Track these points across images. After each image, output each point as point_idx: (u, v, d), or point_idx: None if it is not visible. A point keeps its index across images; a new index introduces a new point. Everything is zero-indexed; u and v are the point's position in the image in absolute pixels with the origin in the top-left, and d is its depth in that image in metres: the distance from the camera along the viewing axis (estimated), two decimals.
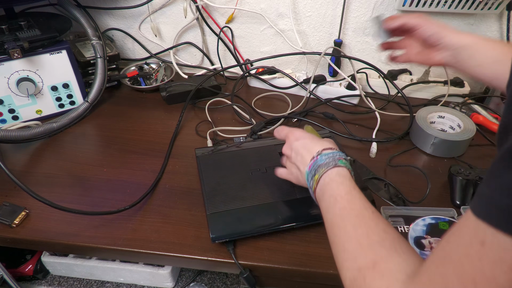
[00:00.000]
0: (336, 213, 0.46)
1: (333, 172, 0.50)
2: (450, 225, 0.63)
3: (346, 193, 0.47)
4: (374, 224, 0.43)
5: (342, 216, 0.45)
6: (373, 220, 0.43)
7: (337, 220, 0.46)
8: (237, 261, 0.58)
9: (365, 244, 0.41)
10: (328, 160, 0.52)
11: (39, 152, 0.79)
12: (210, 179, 0.66)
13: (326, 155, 0.52)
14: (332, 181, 0.50)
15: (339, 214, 0.46)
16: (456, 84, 1.00)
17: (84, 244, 0.61)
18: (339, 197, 0.47)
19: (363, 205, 0.46)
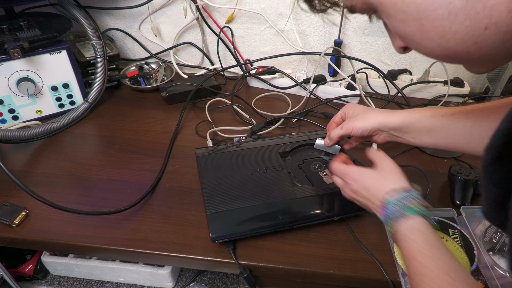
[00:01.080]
0: (412, 277, 0.44)
1: (403, 228, 0.47)
2: (440, 225, 0.63)
3: (420, 255, 0.44)
4: (435, 276, 0.41)
5: (417, 283, 0.43)
6: (433, 274, 0.42)
7: (413, 284, 0.44)
8: (237, 261, 0.58)
9: None
10: (396, 209, 0.48)
11: (39, 152, 0.79)
12: (210, 179, 0.66)
13: (393, 203, 0.48)
14: (404, 238, 0.46)
15: (415, 280, 0.44)
16: (456, 84, 1.00)
17: (84, 244, 0.61)
18: (413, 259, 0.44)
19: (438, 270, 0.42)
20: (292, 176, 0.67)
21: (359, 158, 0.78)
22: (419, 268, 0.43)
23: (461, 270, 0.43)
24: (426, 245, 0.44)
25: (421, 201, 0.48)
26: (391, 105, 0.97)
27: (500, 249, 0.59)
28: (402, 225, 0.46)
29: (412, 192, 0.49)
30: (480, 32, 0.31)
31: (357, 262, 0.59)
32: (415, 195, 0.48)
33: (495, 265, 0.57)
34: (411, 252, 0.45)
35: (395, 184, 0.50)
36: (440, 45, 0.34)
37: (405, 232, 0.46)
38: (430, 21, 0.33)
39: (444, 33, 0.33)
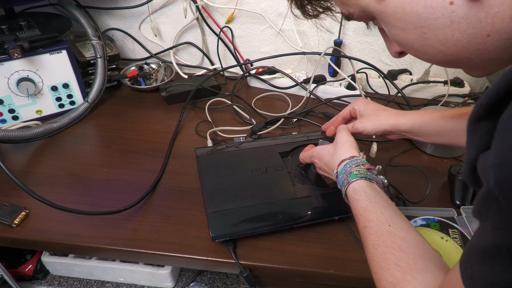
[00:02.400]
0: (360, 232, 0.48)
1: (349, 191, 0.52)
2: (440, 225, 0.63)
3: (364, 210, 0.48)
4: (391, 242, 0.44)
5: (364, 236, 0.47)
6: (389, 237, 0.44)
7: (363, 239, 0.47)
8: (237, 260, 0.58)
9: (385, 267, 0.42)
10: (343, 177, 0.53)
11: (39, 152, 0.79)
12: (210, 178, 0.66)
13: (340, 173, 0.53)
14: (351, 199, 0.51)
15: (362, 233, 0.47)
16: (456, 84, 1.00)
17: (84, 244, 0.61)
18: (358, 215, 0.49)
19: (379, 220, 0.46)
20: (292, 176, 0.67)
21: None
22: (363, 222, 0.47)
23: (401, 219, 0.46)
24: (368, 202, 0.48)
25: (363, 165, 0.52)
26: (391, 105, 0.97)
27: None
28: (348, 189, 0.51)
29: (356, 159, 0.53)
30: (482, 39, 0.31)
31: (357, 262, 0.59)
32: (358, 161, 0.53)
33: None
34: (357, 210, 0.49)
35: (345, 155, 0.55)
36: (441, 52, 0.35)
37: (351, 194, 0.51)
38: (432, 30, 0.33)
39: (446, 41, 0.33)
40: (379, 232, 0.45)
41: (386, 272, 0.42)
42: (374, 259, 0.44)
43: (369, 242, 0.45)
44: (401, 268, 0.41)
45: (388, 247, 0.43)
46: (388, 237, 0.44)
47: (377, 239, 0.45)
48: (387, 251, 0.43)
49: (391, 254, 0.42)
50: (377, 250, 0.44)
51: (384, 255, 0.43)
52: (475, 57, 0.33)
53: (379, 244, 0.44)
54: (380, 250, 0.43)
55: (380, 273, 0.42)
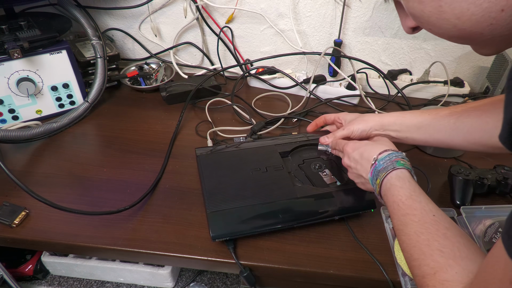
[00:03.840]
0: (400, 219, 0.48)
1: (392, 177, 0.52)
2: None
3: (407, 198, 0.49)
4: (435, 230, 0.44)
5: (405, 223, 0.47)
6: (433, 225, 0.45)
7: (401, 227, 0.48)
8: (237, 260, 0.58)
9: (427, 252, 0.43)
10: (386, 164, 0.53)
11: (39, 152, 0.79)
12: (210, 178, 0.66)
13: (383, 159, 0.54)
14: (392, 186, 0.51)
15: (402, 221, 0.48)
16: (456, 84, 1.00)
17: (84, 244, 0.61)
18: (400, 202, 0.49)
19: (423, 209, 0.47)
20: (292, 176, 0.67)
21: None
22: (406, 209, 0.48)
23: (443, 213, 0.47)
24: (412, 191, 0.50)
25: (407, 161, 0.54)
26: (391, 105, 0.97)
27: None
28: (391, 175, 0.52)
29: (400, 152, 0.55)
30: (496, 14, 0.32)
31: (357, 262, 0.59)
32: (402, 155, 0.55)
33: None
34: (399, 197, 0.49)
35: (386, 147, 0.57)
36: (455, 26, 0.35)
37: (394, 181, 0.51)
38: (449, 3, 0.34)
39: (461, 15, 0.34)
40: (422, 220, 0.46)
41: (429, 257, 0.42)
42: (415, 245, 0.44)
43: (411, 229, 0.46)
44: (445, 254, 0.42)
45: (432, 234, 0.44)
46: (433, 225, 0.45)
47: (420, 226, 0.45)
48: (430, 238, 0.44)
49: (434, 241, 0.43)
50: (420, 237, 0.44)
51: (427, 241, 0.44)
52: (488, 32, 0.34)
53: (422, 232, 0.45)
54: (423, 237, 0.44)
55: (421, 259, 0.43)
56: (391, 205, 0.50)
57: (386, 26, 0.97)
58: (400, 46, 1.00)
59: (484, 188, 0.69)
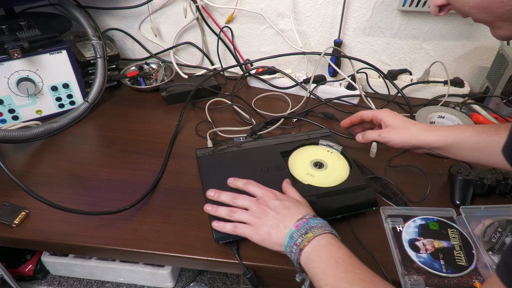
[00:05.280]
0: (340, 276, 0.46)
1: (329, 236, 0.50)
2: (439, 224, 0.63)
3: (348, 257, 0.48)
4: (384, 285, 0.45)
5: (348, 280, 0.45)
6: (381, 284, 0.45)
7: (342, 284, 0.45)
8: (241, 262, 0.58)
9: None
10: (321, 224, 0.52)
11: (39, 152, 0.79)
12: (211, 179, 0.66)
13: (319, 220, 0.52)
14: (329, 244, 0.49)
15: (344, 277, 0.46)
16: (456, 84, 1.00)
17: (84, 244, 0.61)
18: (340, 260, 0.47)
19: (367, 269, 0.47)
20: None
21: (359, 158, 0.78)
22: (347, 267, 0.48)
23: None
24: (350, 253, 0.49)
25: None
26: (391, 105, 0.97)
27: (499, 249, 0.59)
28: (328, 235, 0.50)
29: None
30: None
31: None
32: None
33: (494, 265, 0.57)
34: (338, 255, 0.48)
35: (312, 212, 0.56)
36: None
37: (331, 240, 0.50)
38: None
39: None
40: (368, 279, 0.46)
41: None
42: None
43: (357, 286, 0.45)
44: None
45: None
46: (379, 284, 0.45)
47: (367, 285, 0.45)
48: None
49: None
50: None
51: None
52: (508, 1, 0.34)
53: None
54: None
55: None
56: (327, 261, 0.47)
57: (386, 26, 0.97)
58: (400, 46, 1.00)
59: (484, 188, 0.69)
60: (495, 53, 0.95)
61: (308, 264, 0.49)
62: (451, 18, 0.94)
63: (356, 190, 0.64)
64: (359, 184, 0.66)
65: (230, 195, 0.59)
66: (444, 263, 0.57)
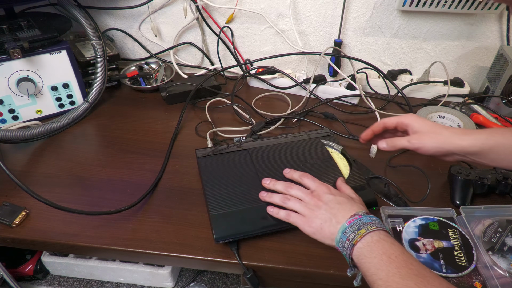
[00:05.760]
0: (393, 271, 0.46)
1: (382, 233, 0.50)
2: (439, 224, 0.63)
3: (402, 253, 0.47)
4: (438, 283, 0.44)
5: (401, 275, 0.45)
6: (435, 280, 0.44)
7: (395, 279, 0.45)
8: (241, 262, 0.58)
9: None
10: (374, 221, 0.52)
11: (39, 152, 0.79)
12: (211, 180, 0.66)
13: (372, 217, 0.52)
14: (382, 240, 0.49)
15: (397, 273, 0.45)
16: (456, 84, 1.00)
17: (84, 244, 0.61)
18: (393, 256, 0.47)
19: (420, 265, 0.46)
20: None
21: (359, 158, 0.78)
22: (400, 262, 0.47)
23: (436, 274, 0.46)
24: (404, 249, 0.49)
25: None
26: (391, 105, 0.97)
27: (499, 248, 0.59)
28: (381, 231, 0.50)
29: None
30: None
31: None
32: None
33: (494, 265, 0.57)
34: (391, 251, 0.48)
35: (367, 210, 0.56)
36: None
37: (384, 236, 0.50)
38: None
39: None
40: (421, 274, 0.45)
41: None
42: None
43: (410, 281, 0.44)
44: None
45: (436, 286, 0.44)
46: (434, 280, 0.45)
47: (421, 280, 0.44)
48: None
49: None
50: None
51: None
52: None
53: (425, 284, 0.44)
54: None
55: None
56: (379, 257, 0.47)
57: (386, 26, 0.97)
58: (400, 46, 1.00)
59: (484, 188, 0.69)
60: (495, 53, 0.95)
61: (361, 260, 0.49)
62: (451, 18, 0.94)
63: (356, 190, 0.64)
64: (359, 184, 0.66)
65: (285, 184, 0.60)
66: (444, 263, 0.57)
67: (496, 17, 0.93)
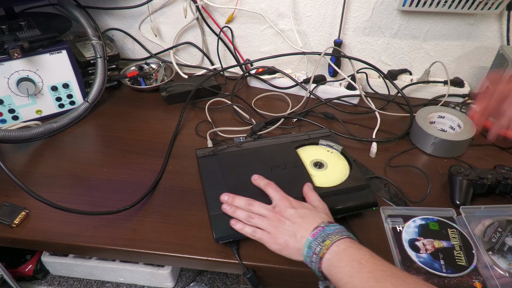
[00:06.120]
0: (366, 276, 0.45)
1: (347, 240, 0.50)
2: (439, 224, 0.63)
3: (371, 257, 0.47)
4: (413, 281, 0.44)
5: (376, 278, 0.45)
6: (410, 278, 0.44)
7: (370, 283, 0.45)
8: (241, 262, 0.58)
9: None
10: (338, 230, 0.51)
11: (39, 152, 0.79)
12: (211, 180, 0.66)
13: (334, 226, 0.52)
14: (349, 247, 0.49)
15: (371, 277, 0.45)
16: (456, 84, 1.00)
17: (84, 244, 0.61)
18: (363, 260, 0.47)
19: (391, 266, 0.46)
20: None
21: (359, 158, 0.78)
22: (372, 266, 0.47)
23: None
24: (372, 253, 0.49)
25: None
26: (391, 105, 0.97)
27: (499, 249, 0.59)
28: (346, 239, 0.50)
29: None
30: None
31: None
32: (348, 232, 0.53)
33: (494, 265, 0.57)
34: (359, 256, 0.48)
35: (330, 218, 0.56)
36: None
37: (350, 243, 0.50)
38: None
39: None
40: (395, 275, 0.45)
41: None
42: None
43: (386, 283, 0.44)
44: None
45: (412, 285, 0.44)
46: (408, 278, 0.45)
47: (395, 280, 0.44)
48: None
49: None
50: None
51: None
52: None
53: (401, 284, 0.44)
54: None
55: None
56: (350, 264, 0.47)
57: (386, 26, 0.97)
58: (400, 46, 1.00)
59: (484, 188, 0.69)
60: (495, 53, 0.95)
61: (331, 271, 0.48)
62: (451, 18, 0.94)
63: (356, 190, 0.64)
64: (359, 184, 0.66)
65: (245, 200, 0.59)
66: (444, 263, 0.57)
67: (496, 17, 0.93)
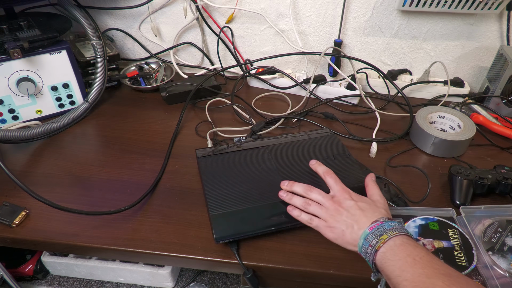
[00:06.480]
0: (418, 271, 0.46)
1: (404, 237, 0.50)
2: (439, 224, 0.63)
3: (426, 254, 0.48)
4: (465, 281, 0.44)
5: (427, 275, 0.45)
6: (462, 278, 0.44)
7: (422, 278, 0.45)
8: (241, 262, 0.58)
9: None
10: (396, 227, 0.52)
11: (39, 152, 0.79)
12: (211, 180, 0.66)
13: (393, 223, 0.52)
14: (405, 243, 0.49)
15: (422, 273, 0.46)
16: (456, 84, 1.00)
17: (84, 244, 0.61)
18: (418, 257, 0.47)
19: (445, 265, 0.47)
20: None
21: (359, 158, 0.78)
22: (425, 263, 0.47)
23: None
24: (428, 251, 0.49)
25: None
26: (391, 105, 0.97)
27: (499, 248, 0.59)
28: (404, 236, 0.50)
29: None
30: None
31: (357, 262, 0.59)
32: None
33: (494, 265, 0.57)
34: (415, 253, 0.48)
35: (389, 215, 0.56)
36: None
37: (408, 240, 0.50)
38: None
39: None
40: (448, 274, 0.45)
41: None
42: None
43: (437, 281, 0.45)
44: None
45: (463, 285, 0.44)
46: (461, 278, 0.45)
47: (448, 279, 0.45)
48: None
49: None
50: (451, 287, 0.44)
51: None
52: None
53: (453, 283, 0.44)
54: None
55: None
56: (404, 259, 0.47)
57: (386, 26, 0.97)
58: (400, 46, 1.00)
59: (484, 188, 0.69)
60: (495, 53, 0.95)
61: (384, 263, 0.49)
62: (451, 18, 0.94)
63: (355, 190, 0.64)
64: (359, 184, 0.66)
65: (304, 186, 0.60)
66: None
67: (496, 17, 0.93)
